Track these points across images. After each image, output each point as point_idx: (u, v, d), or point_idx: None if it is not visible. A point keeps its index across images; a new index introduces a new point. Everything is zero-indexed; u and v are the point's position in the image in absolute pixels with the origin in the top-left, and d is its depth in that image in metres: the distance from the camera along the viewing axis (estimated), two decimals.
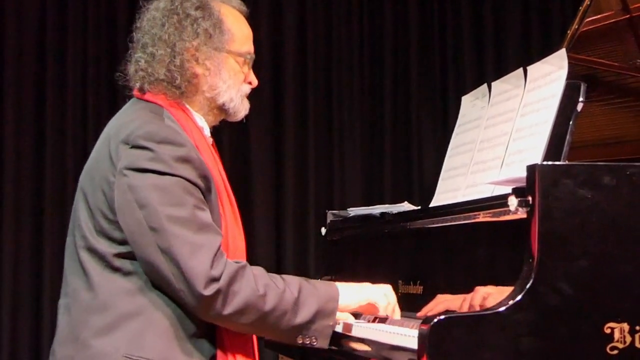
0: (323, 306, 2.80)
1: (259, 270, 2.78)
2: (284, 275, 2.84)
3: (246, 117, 3.05)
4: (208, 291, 2.65)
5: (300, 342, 2.81)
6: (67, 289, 2.84)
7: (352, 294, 2.91)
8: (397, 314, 2.97)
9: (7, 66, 5.84)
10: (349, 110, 6.36)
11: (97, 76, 5.96)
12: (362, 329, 2.93)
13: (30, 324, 5.77)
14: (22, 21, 5.89)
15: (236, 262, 2.74)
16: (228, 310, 2.68)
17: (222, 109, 2.98)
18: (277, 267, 6.09)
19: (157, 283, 2.72)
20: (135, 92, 2.95)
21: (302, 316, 2.77)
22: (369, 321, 3.12)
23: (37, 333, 5.76)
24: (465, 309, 2.81)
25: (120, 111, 2.97)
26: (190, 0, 2.91)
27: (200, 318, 2.74)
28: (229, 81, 2.95)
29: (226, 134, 6.03)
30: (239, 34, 2.98)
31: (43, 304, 5.75)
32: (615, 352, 2.49)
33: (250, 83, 3.04)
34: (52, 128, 5.87)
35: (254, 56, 3.03)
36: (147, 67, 2.88)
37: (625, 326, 2.50)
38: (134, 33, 2.96)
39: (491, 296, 2.74)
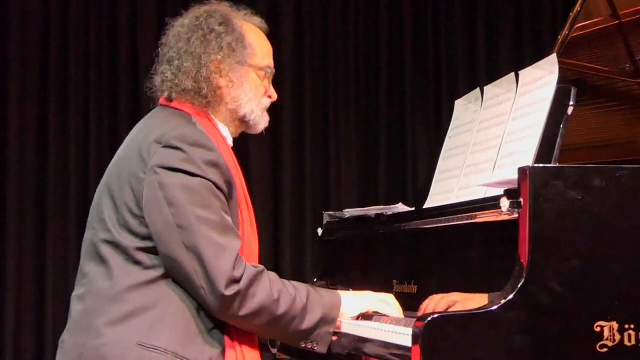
0: (327, 313, 2.87)
1: (273, 275, 2.84)
2: (292, 282, 2.89)
3: (266, 129, 3.10)
4: (229, 291, 2.70)
5: (303, 346, 2.87)
6: (83, 280, 2.86)
7: (354, 303, 2.97)
8: (395, 312, 3.01)
9: (11, 69, 5.83)
10: (345, 114, 6.36)
11: (99, 80, 5.95)
12: (353, 327, 2.94)
13: (34, 323, 5.76)
14: (25, 26, 5.89)
15: (254, 267, 2.79)
16: (244, 311, 2.74)
17: (243, 120, 3.03)
18: (274, 266, 6.08)
19: (178, 280, 2.76)
20: (162, 100, 3.00)
21: (308, 322, 2.83)
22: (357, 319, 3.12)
23: (40, 332, 5.75)
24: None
25: (148, 116, 3.01)
26: (214, 17, 2.97)
27: (214, 315, 2.77)
28: (251, 94, 3.00)
29: None
30: (260, 48, 3.04)
31: (46, 302, 5.74)
32: (605, 350, 2.49)
33: (270, 97, 3.09)
34: (55, 130, 5.86)
35: (274, 70, 3.09)
36: (174, 78, 2.93)
37: (615, 325, 2.50)
38: (159, 49, 3.01)
39: (457, 304, 2.77)
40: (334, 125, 6.33)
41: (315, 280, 3.92)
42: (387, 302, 3.01)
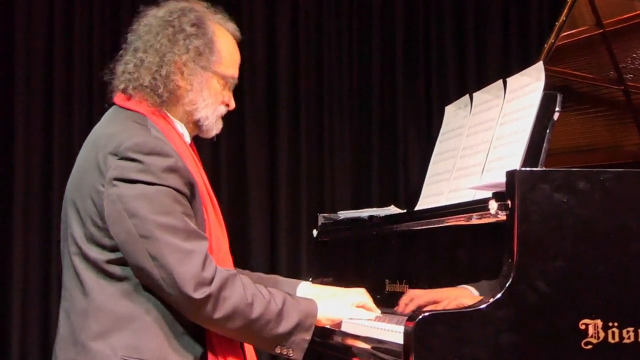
0: (303, 320, 2.79)
1: (247, 280, 2.77)
2: (269, 288, 2.83)
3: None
4: (199, 294, 2.63)
5: (278, 351, 2.80)
6: (66, 293, 2.81)
7: (330, 311, 2.90)
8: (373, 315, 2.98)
9: (18, 78, 5.82)
10: (339, 119, 6.36)
11: (102, 88, 5.93)
12: (350, 325, 2.93)
13: (40, 323, 5.75)
14: (31, 35, 5.88)
15: (226, 270, 2.73)
16: (218, 314, 2.67)
17: (196, 124, 2.93)
18: (271, 266, 6.08)
19: (149, 287, 2.70)
20: (117, 99, 2.90)
21: (283, 327, 2.76)
22: None
23: (45, 332, 5.74)
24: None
25: (104, 120, 2.92)
26: (188, 15, 2.87)
27: (190, 319, 2.72)
28: (208, 100, 2.89)
29: (224, 142, 6.03)
30: (228, 57, 2.93)
31: (51, 302, 5.73)
32: (590, 346, 2.49)
33: (227, 105, 2.98)
34: (60, 137, 5.85)
35: (236, 81, 2.98)
36: (134, 71, 2.84)
37: (599, 322, 2.50)
38: (128, 34, 2.92)
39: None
40: (328, 131, 6.33)
41: (310, 279, 3.92)
42: (364, 306, 2.98)
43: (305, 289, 3.14)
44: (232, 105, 3.00)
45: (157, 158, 2.68)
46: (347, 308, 2.95)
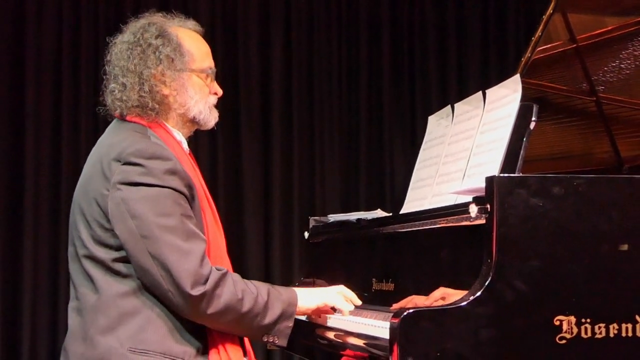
0: (286, 309, 2.82)
1: (236, 277, 2.79)
2: (253, 281, 2.84)
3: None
4: (195, 292, 2.65)
5: (265, 339, 2.83)
6: (77, 294, 2.82)
7: (309, 299, 2.92)
8: (349, 306, 2.97)
9: (28, 86, 5.82)
10: (329, 129, 6.37)
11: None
12: (337, 321, 2.93)
13: (48, 322, 5.74)
14: (40, 47, 5.88)
15: (218, 269, 2.74)
16: (211, 310, 2.69)
17: (193, 121, 2.95)
18: (265, 266, 6.09)
19: (148, 285, 2.71)
20: (116, 115, 2.93)
21: (269, 317, 2.79)
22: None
23: (54, 330, 5.73)
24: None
25: (107, 132, 2.94)
26: (149, 30, 2.89)
27: (184, 316, 2.74)
28: (196, 96, 2.91)
29: (221, 148, 6.04)
30: (198, 52, 2.94)
31: (59, 303, 5.72)
32: (564, 341, 2.49)
33: (215, 93, 3.00)
34: (67, 144, 5.85)
35: (214, 69, 2.99)
36: (121, 96, 2.85)
37: (572, 319, 2.50)
38: (105, 66, 2.93)
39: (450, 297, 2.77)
40: (319, 140, 6.34)
41: (302, 278, 3.92)
42: (340, 293, 2.98)
43: None
44: (219, 92, 3.01)
45: (158, 162, 2.71)
46: (324, 296, 2.96)
